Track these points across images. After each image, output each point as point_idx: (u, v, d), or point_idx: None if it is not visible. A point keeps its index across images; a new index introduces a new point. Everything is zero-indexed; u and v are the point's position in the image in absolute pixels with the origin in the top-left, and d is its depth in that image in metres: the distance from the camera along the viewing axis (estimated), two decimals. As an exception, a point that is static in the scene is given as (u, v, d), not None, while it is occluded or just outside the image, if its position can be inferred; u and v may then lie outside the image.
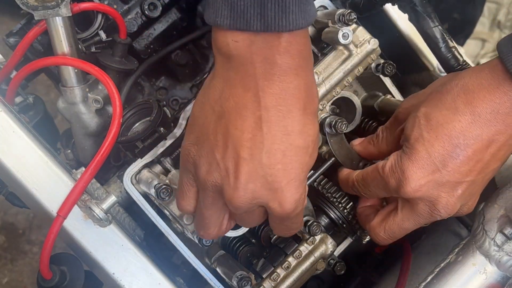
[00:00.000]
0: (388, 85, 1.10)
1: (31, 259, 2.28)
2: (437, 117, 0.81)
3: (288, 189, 0.76)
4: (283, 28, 0.69)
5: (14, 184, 0.92)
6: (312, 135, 0.76)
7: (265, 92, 0.73)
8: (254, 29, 0.69)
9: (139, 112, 1.02)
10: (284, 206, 0.77)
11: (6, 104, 0.94)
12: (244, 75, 0.73)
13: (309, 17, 0.71)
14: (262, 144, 0.74)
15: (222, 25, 0.71)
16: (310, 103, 0.75)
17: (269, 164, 0.74)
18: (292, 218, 0.80)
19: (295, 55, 0.72)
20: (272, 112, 0.73)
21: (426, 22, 0.95)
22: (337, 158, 0.98)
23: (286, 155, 0.74)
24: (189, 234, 0.94)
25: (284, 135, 0.74)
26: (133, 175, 0.96)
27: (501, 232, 0.86)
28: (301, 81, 0.73)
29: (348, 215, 1.00)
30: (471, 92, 0.80)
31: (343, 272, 1.04)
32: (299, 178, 0.76)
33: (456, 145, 0.80)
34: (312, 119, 0.76)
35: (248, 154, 0.74)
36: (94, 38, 1.10)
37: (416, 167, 0.82)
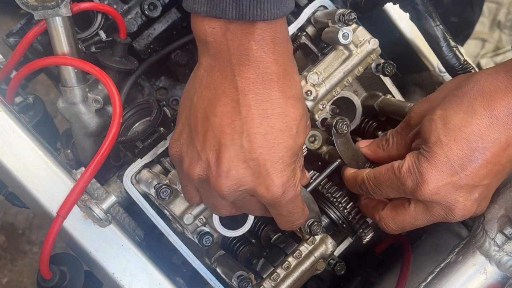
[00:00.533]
0: (388, 85, 1.10)
1: (31, 259, 2.28)
2: (454, 121, 0.81)
3: (273, 172, 0.76)
4: (258, 17, 0.70)
5: (14, 184, 0.92)
6: (294, 118, 0.76)
7: (242, 76, 0.73)
8: (229, 17, 0.70)
9: (139, 112, 1.02)
10: (271, 189, 0.77)
11: (6, 104, 0.94)
12: (221, 61, 0.74)
13: (285, 8, 0.72)
14: (241, 129, 0.74)
15: (199, 12, 0.72)
16: (290, 87, 0.76)
17: (250, 148, 0.74)
18: (285, 205, 0.80)
19: (270, 42, 0.73)
20: (250, 96, 0.74)
21: (428, 21, 0.95)
22: (343, 160, 0.98)
23: (267, 138, 0.74)
24: (189, 234, 0.94)
25: (264, 118, 0.74)
26: (133, 175, 0.96)
27: (501, 232, 0.86)
28: (279, 67, 0.74)
29: (348, 215, 1.00)
30: (487, 94, 0.80)
31: (343, 272, 1.04)
32: (284, 161, 0.76)
33: (475, 149, 0.80)
34: (294, 103, 0.76)
35: (229, 140, 0.75)
36: (94, 38, 1.10)
37: (435, 170, 0.81)
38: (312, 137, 1.06)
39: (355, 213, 1.00)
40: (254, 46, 0.72)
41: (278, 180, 0.76)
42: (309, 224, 0.93)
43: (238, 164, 0.75)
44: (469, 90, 0.82)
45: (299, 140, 0.78)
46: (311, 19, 1.04)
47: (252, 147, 0.74)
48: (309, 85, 0.96)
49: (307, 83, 0.96)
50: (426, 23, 0.96)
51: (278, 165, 0.76)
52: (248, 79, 0.73)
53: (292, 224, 0.86)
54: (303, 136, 0.79)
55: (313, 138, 1.06)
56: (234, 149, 0.75)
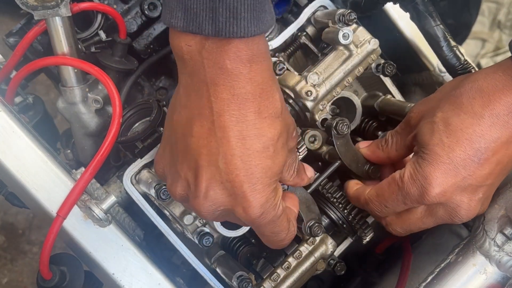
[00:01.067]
0: (388, 85, 1.10)
1: (31, 259, 2.28)
2: (455, 122, 0.81)
3: (250, 193, 0.75)
4: (234, 34, 0.68)
5: (14, 184, 0.92)
6: (271, 139, 0.74)
7: (217, 97, 0.72)
8: (205, 33, 0.69)
9: (139, 112, 1.02)
10: (248, 211, 0.76)
11: (5, 104, 0.94)
12: (197, 81, 0.73)
13: (262, 25, 0.70)
14: (217, 150, 0.73)
15: (176, 27, 0.70)
16: (267, 106, 0.74)
17: (227, 170, 0.74)
18: (266, 225, 0.79)
19: (246, 60, 0.71)
20: (225, 117, 0.72)
21: (428, 21, 0.95)
22: (343, 161, 0.97)
23: (243, 160, 0.73)
24: (189, 234, 0.94)
25: (239, 140, 0.73)
26: (133, 175, 0.96)
27: (501, 232, 0.86)
28: (255, 87, 0.72)
29: (348, 215, 1.00)
30: (486, 94, 0.80)
31: (343, 272, 1.04)
32: (262, 182, 0.75)
33: (477, 149, 0.80)
34: (271, 122, 0.74)
35: (205, 161, 0.74)
36: (94, 38, 1.10)
37: (439, 172, 0.81)
38: (312, 137, 1.06)
39: (355, 213, 1.00)
40: (229, 65, 0.71)
41: (256, 201, 0.75)
42: (309, 225, 0.93)
43: (215, 185, 0.75)
44: (467, 90, 0.82)
45: (278, 159, 0.76)
46: (311, 19, 1.04)
47: (229, 169, 0.73)
48: (309, 85, 0.96)
49: (307, 83, 0.96)
50: (426, 22, 0.96)
51: (256, 186, 0.75)
52: (222, 100, 0.72)
53: (277, 245, 0.84)
54: (282, 155, 0.77)
55: (313, 138, 1.06)
56: (211, 170, 0.74)
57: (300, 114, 0.98)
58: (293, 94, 0.96)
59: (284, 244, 0.84)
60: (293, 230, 0.84)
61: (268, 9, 0.71)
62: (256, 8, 0.69)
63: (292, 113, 0.98)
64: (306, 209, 0.94)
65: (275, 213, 0.78)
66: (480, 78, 0.82)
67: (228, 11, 0.67)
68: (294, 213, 0.86)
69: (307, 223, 0.93)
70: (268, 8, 0.71)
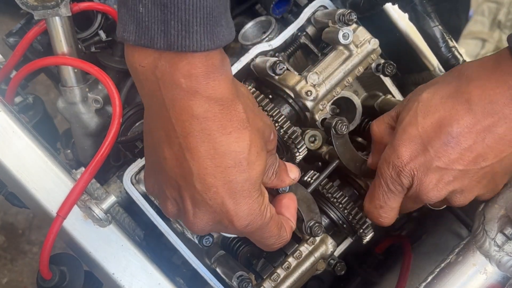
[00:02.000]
0: (388, 85, 1.10)
1: (31, 259, 2.28)
2: (436, 104, 0.82)
3: (233, 207, 0.74)
4: (186, 47, 0.66)
5: (14, 184, 0.92)
6: (241, 152, 0.73)
7: (177, 119, 0.71)
8: (157, 46, 0.67)
9: (139, 112, 1.02)
10: (235, 223, 0.76)
11: (5, 104, 0.94)
12: (156, 102, 0.72)
13: (217, 40, 0.68)
14: (191, 170, 0.73)
15: (128, 40, 0.68)
16: (230, 121, 0.72)
17: (204, 189, 0.73)
18: (255, 232, 0.79)
19: (201, 77, 0.69)
20: (190, 139, 0.71)
21: (426, 22, 0.95)
22: (341, 161, 0.98)
23: (218, 177, 0.73)
24: (189, 234, 0.94)
25: (209, 159, 0.72)
26: (133, 175, 0.96)
27: (502, 232, 0.86)
28: (213, 104, 0.70)
29: (348, 215, 1.00)
30: (472, 81, 0.80)
31: (343, 272, 1.04)
32: (243, 195, 0.74)
33: (448, 132, 0.80)
34: (238, 136, 0.72)
35: (183, 182, 0.74)
36: (94, 38, 1.10)
37: (409, 149, 0.83)
38: (312, 137, 1.06)
39: (355, 213, 1.00)
40: (183, 84, 0.68)
41: (240, 213, 0.75)
42: (309, 225, 0.93)
43: (200, 204, 0.75)
44: (460, 76, 0.82)
45: (255, 169, 0.75)
46: (311, 19, 1.04)
47: (206, 187, 0.73)
48: (309, 85, 0.95)
49: (307, 83, 0.96)
50: (425, 23, 0.96)
51: (238, 200, 0.74)
52: (183, 122, 0.70)
53: (268, 248, 0.84)
54: (259, 163, 0.75)
55: (313, 138, 1.06)
56: (191, 189, 0.74)
57: (300, 114, 0.98)
58: (293, 94, 0.96)
59: (275, 248, 0.84)
60: (284, 236, 0.84)
61: (226, 24, 0.69)
62: (209, 22, 0.67)
63: (292, 113, 0.98)
64: (306, 209, 0.94)
65: (262, 221, 0.78)
66: (474, 65, 0.82)
67: (180, 24, 0.65)
68: (287, 218, 0.86)
69: (307, 223, 0.93)
70: (225, 23, 0.69)
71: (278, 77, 0.96)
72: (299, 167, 0.90)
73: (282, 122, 0.92)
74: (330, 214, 1.01)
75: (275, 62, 0.94)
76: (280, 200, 0.88)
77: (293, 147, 0.94)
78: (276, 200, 0.88)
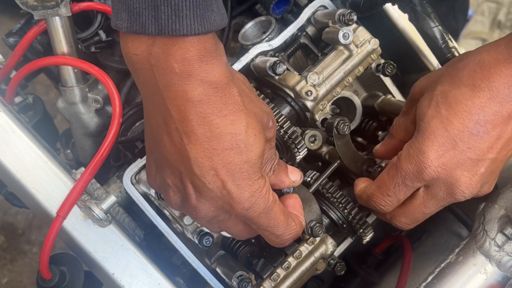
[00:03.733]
0: (389, 85, 1.10)
1: (31, 259, 2.28)
2: (455, 94, 0.79)
3: (235, 189, 0.74)
4: (177, 31, 0.67)
5: (14, 184, 0.92)
6: (238, 134, 0.73)
7: (172, 104, 0.71)
8: (149, 32, 0.68)
9: (139, 112, 1.02)
10: (236, 205, 0.75)
11: (5, 104, 0.94)
12: (152, 89, 0.73)
13: (208, 24, 0.69)
14: (188, 156, 0.73)
15: (121, 28, 0.70)
16: (225, 104, 0.72)
17: (203, 173, 0.73)
18: (259, 217, 0.77)
19: (194, 61, 0.69)
20: (186, 123, 0.72)
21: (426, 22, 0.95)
22: (342, 161, 0.97)
23: (215, 160, 0.73)
24: (189, 234, 0.94)
25: (205, 142, 0.72)
26: (133, 175, 0.96)
27: (502, 232, 0.86)
28: (207, 87, 0.71)
29: (348, 215, 1.00)
30: (487, 67, 0.78)
31: (343, 272, 1.04)
32: (243, 177, 0.74)
33: (476, 122, 0.78)
34: (233, 119, 0.73)
35: (183, 167, 0.74)
36: (93, 38, 1.10)
37: (436, 145, 0.79)
38: (312, 137, 1.06)
39: (355, 213, 1.00)
40: (177, 68, 0.69)
41: (242, 195, 0.74)
42: (310, 225, 0.92)
43: (202, 188, 0.75)
44: (469, 63, 0.80)
45: (253, 151, 0.74)
46: (311, 19, 1.04)
47: (203, 172, 0.73)
48: (309, 85, 0.95)
49: (307, 83, 0.95)
50: (424, 24, 0.96)
51: (238, 182, 0.74)
52: (178, 107, 0.71)
53: (281, 240, 0.82)
54: (258, 145, 0.75)
55: (313, 138, 1.06)
56: (191, 175, 0.74)
57: (300, 114, 0.98)
58: (293, 94, 0.96)
59: (286, 240, 0.82)
60: (294, 226, 0.82)
61: (217, 9, 0.70)
62: (199, 6, 0.68)
63: (292, 113, 0.98)
64: (307, 209, 0.94)
65: (265, 204, 0.77)
66: (484, 51, 0.80)
67: (170, 9, 0.67)
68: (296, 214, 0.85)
69: (308, 223, 0.93)
70: (216, 9, 0.70)
71: (278, 77, 0.97)
72: (299, 167, 0.90)
73: (282, 122, 0.92)
74: (330, 214, 1.01)
75: (275, 62, 0.94)
76: (285, 200, 0.87)
77: (293, 147, 0.94)
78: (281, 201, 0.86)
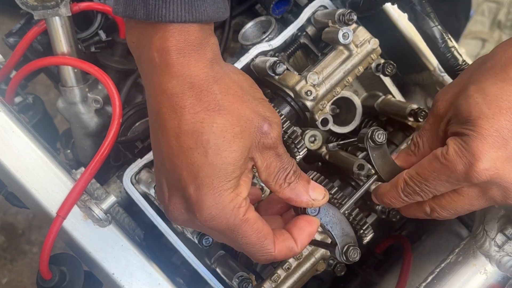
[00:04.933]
0: (389, 85, 1.10)
1: (31, 259, 2.28)
2: (494, 91, 0.75)
3: (194, 193, 0.70)
4: (163, 17, 0.67)
5: (14, 184, 0.92)
6: (206, 133, 0.69)
7: (152, 95, 0.71)
8: (138, 16, 0.68)
9: (139, 112, 1.02)
10: (197, 213, 0.71)
11: (5, 104, 0.94)
12: (142, 77, 0.74)
13: (196, 12, 0.67)
14: (162, 150, 0.72)
15: (117, 12, 0.70)
16: (199, 101, 0.69)
17: (171, 169, 0.71)
18: (227, 233, 0.72)
19: (173, 52, 0.69)
20: (160, 115, 0.70)
21: (426, 22, 0.95)
22: (379, 175, 0.87)
23: (180, 158, 0.70)
24: (189, 234, 0.94)
25: (174, 137, 0.70)
26: (133, 175, 0.96)
27: (502, 233, 0.86)
28: (182, 81, 0.69)
29: (349, 215, 0.99)
30: None
31: (343, 273, 1.04)
32: (204, 182, 0.69)
33: None
34: (204, 117, 0.69)
35: (159, 163, 0.73)
36: (93, 38, 1.10)
37: (487, 145, 0.74)
38: (312, 137, 1.06)
39: (355, 214, 1.00)
40: (156, 58, 0.69)
41: (202, 203, 0.69)
42: (344, 250, 0.82)
43: (171, 186, 0.72)
44: (500, 59, 0.77)
45: (219, 156, 0.69)
46: (311, 19, 1.04)
47: (172, 168, 0.71)
48: (309, 85, 0.95)
49: (307, 83, 0.95)
50: (424, 23, 0.95)
51: (199, 186, 0.69)
52: (155, 97, 0.70)
53: (255, 258, 0.76)
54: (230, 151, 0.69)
55: (313, 138, 1.06)
56: (164, 171, 0.73)
57: (300, 114, 0.98)
58: (293, 93, 0.96)
59: (261, 260, 0.76)
60: (269, 249, 0.75)
61: (212, 0, 0.69)
62: None
63: (292, 113, 0.98)
64: (340, 232, 0.84)
65: (231, 220, 0.71)
66: (509, 47, 0.77)
67: None
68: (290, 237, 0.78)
69: (342, 248, 0.83)
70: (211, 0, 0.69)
71: (278, 77, 0.96)
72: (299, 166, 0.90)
73: (282, 122, 0.92)
74: (330, 214, 1.01)
75: (275, 62, 0.94)
76: (297, 219, 0.80)
77: (293, 147, 0.94)
78: (292, 219, 0.80)
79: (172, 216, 0.75)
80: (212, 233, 0.77)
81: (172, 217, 0.75)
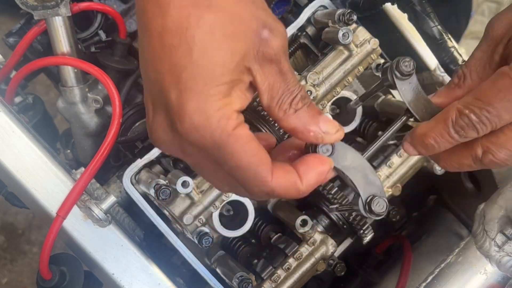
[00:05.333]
0: (389, 85, 1.10)
1: (31, 259, 2.28)
2: None
3: (175, 97, 0.59)
4: None
5: (14, 184, 0.92)
6: (190, 28, 0.59)
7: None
8: None
9: (139, 112, 1.02)
10: (178, 120, 0.60)
11: (5, 104, 0.94)
12: (137, 17, 0.65)
13: None
14: (145, 58, 0.62)
15: None
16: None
17: (154, 77, 0.61)
18: (213, 150, 0.61)
19: None
20: (144, 15, 0.61)
21: (426, 22, 0.95)
22: (412, 112, 0.74)
23: (162, 59, 0.60)
24: (189, 234, 0.94)
25: (157, 37, 0.60)
26: (133, 175, 0.96)
27: (502, 233, 0.86)
28: None
29: (349, 216, 1.00)
30: None
31: (343, 273, 1.04)
32: (188, 84, 0.59)
33: None
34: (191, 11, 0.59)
35: (145, 76, 0.64)
36: (93, 38, 1.10)
37: None
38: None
39: (355, 214, 1.00)
40: None
41: (184, 107, 0.59)
42: (368, 201, 0.70)
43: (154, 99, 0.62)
44: None
45: (206, 55, 0.59)
46: (311, 19, 1.04)
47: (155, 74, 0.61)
48: (309, 85, 0.95)
49: (307, 82, 0.95)
50: (424, 23, 0.95)
51: (181, 89, 0.59)
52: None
53: (249, 191, 0.64)
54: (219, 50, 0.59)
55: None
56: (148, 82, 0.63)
57: (300, 114, 0.98)
58: (293, 94, 0.96)
59: (255, 193, 0.64)
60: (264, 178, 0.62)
61: None
62: None
63: (292, 113, 0.98)
64: (362, 179, 0.71)
65: (218, 132, 0.59)
66: None
67: None
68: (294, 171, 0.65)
69: (365, 198, 0.71)
70: None
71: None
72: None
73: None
74: (330, 215, 1.01)
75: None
76: (305, 156, 0.67)
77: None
78: (300, 159, 0.67)
79: (156, 137, 0.64)
80: (199, 158, 0.64)
81: (155, 138, 0.64)
